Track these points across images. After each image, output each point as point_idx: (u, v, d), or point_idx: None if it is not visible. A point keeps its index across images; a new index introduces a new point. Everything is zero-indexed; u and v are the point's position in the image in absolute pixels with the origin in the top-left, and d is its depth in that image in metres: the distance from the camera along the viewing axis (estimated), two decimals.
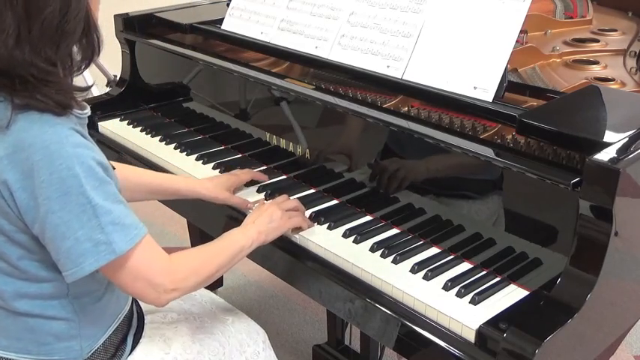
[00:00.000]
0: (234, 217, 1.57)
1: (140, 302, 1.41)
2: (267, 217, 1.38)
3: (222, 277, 2.53)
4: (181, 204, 1.76)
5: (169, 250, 1.21)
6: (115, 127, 2.02)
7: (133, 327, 1.34)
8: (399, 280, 1.28)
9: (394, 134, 1.45)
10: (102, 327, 1.26)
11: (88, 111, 1.16)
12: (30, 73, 1.05)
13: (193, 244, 2.41)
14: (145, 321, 1.38)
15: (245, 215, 1.47)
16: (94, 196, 1.06)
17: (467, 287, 1.24)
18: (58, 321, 1.19)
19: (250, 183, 1.65)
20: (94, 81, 1.21)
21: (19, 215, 1.08)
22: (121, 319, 1.30)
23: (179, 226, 2.89)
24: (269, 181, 1.66)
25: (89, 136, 1.13)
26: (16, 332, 1.19)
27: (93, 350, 1.25)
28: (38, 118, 1.06)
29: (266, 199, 1.58)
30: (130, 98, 2.14)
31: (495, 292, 1.23)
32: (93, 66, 3.73)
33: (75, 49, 1.11)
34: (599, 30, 1.99)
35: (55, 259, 1.11)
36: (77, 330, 1.22)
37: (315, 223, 1.48)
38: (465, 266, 1.31)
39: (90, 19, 1.11)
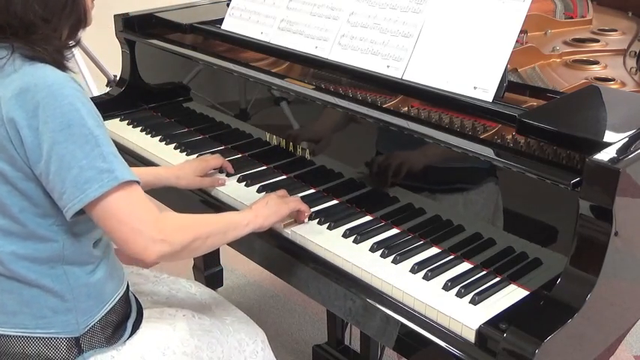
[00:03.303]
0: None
1: (138, 298, 1.41)
2: (264, 202, 1.42)
3: (222, 276, 2.53)
4: (181, 203, 1.77)
5: None
6: (115, 127, 2.02)
7: (132, 317, 1.35)
8: (399, 280, 1.28)
9: (394, 134, 1.45)
10: (97, 303, 1.28)
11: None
12: (21, 24, 1.16)
13: None
14: (144, 315, 1.38)
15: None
16: (95, 128, 1.14)
17: (467, 287, 1.24)
18: (52, 292, 1.22)
19: (250, 183, 1.65)
20: (79, 37, 1.29)
21: (24, 157, 1.14)
22: (116, 299, 1.31)
23: None
24: (269, 181, 1.66)
25: (83, 89, 1.20)
26: (12, 306, 1.22)
27: (89, 326, 1.26)
28: (42, 66, 1.16)
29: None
30: (130, 98, 2.14)
31: (495, 292, 1.23)
32: (93, 66, 3.72)
33: (62, 11, 1.20)
34: (599, 30, 1.99)
35: (59, 195, 1.14)
36: (72, 302, 1.24)
37: (307, 219, 1.48)
38: (465, 266, 1.31)
39: None
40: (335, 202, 1.57)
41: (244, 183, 1.66)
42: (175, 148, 1.87)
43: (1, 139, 1.14)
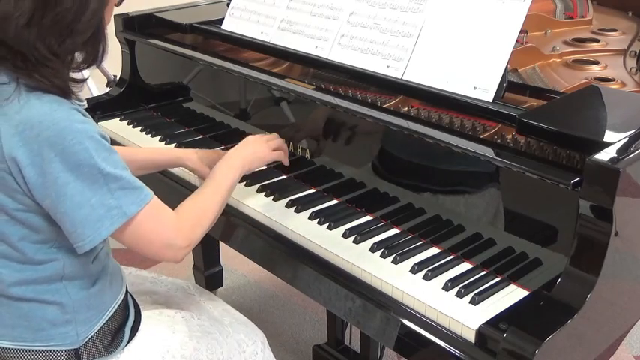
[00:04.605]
0: (233, 214, 1.57)
1: (136, 299, 1.42)
2: (250, 149, 1.48)
3: (222, 276, 2.53)
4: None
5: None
6: (115, 127, 2.02)
7: (130, 320, 1.34)
8: (399, 280, 1.28)
9: (394, 134, 1.45)
10: (97, 313, 1.27)
11: (84, 103, 1.22)
12: (31, 54, 1.10)
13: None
14: (142, 316, 1.38)
15: None
16: (104, 166, 1.13)
17: (467, 287, 1.24)
18: (52, 305, 1.21)
19: (250, 183, 1.65)
20: (89, 74, 1.26)
21: (27, 192, 1.12)
22: (116, 307, 1.31)
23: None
24: (269, 181, 1.66)
25: (89, 115, 1.19)
26: (10, 319, 1.21)
27: (89, 336, 1.26)
28: (47, 98, 1.12)
29: (266, 198, 1.58)
30: (130, 98, 2.14)
31: (495, 292, 1.23)
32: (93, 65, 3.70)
33: (79, 50, 1.16)
34: (599, 30, 1.99)
35: (69, 232, 1.15)
36: (72, 314, 1.23)
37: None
38: (465, 266, 1.31)
39: (101, 27, 1.17)
40: (335, 202, 1.57)
41: (244, 183, 1.66)
42: (175, 148, 1.87)
43: (2, 173, 1.12)
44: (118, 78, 2.24)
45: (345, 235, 1.42)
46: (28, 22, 1.08)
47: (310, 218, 1.49)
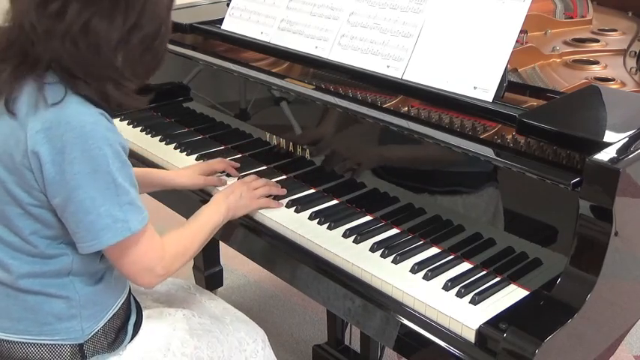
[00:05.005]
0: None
1: (137, 298, 1.42)
2: (238, 195, 1.49)
3: (222, 277, 2.53)
4: (182, 205, 1.77)
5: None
6: None
7: (132, 318, 1.35)
8: (399, 280, 1.28)
9: (394, 134, 1.45)
10: (101, 309, 1.28)
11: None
12: (109, 76, 1.15)
13: None
14: (143, 315, 1.38)
15: None
16: (118, 176, 1.15)
17: (467, 287, 1.24)
18: (58, 299, 1.23)
19: None
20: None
21: (42, 188, 1.14)
22: (120, 304, 1.32)
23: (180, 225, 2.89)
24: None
25: (113, 122, 1.20)
26: (17, 313, 1.22)
27: (93, 332, 1.27)
28: (77, 101, 1.13)
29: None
30: None
31: (495, 292, 1.23)
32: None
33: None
34: (599, 30, 1.99)
35: (73, 232, 1.17)
36: (77, 309, 1.24)
37: (284, 206, 1.54)
38: (465, 266, 1.31)
39: (165, 50, 1.25)
40: (335, 202, 1.57)
41: None
42: (175, 148, 1.87)
43: (22, 168, 1.14)
44: None
45: (345, 235, 1.42)
46: (116, 46, 1.13)
47: (310, 218, 1.49)
